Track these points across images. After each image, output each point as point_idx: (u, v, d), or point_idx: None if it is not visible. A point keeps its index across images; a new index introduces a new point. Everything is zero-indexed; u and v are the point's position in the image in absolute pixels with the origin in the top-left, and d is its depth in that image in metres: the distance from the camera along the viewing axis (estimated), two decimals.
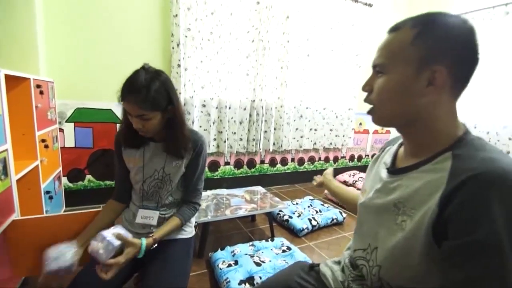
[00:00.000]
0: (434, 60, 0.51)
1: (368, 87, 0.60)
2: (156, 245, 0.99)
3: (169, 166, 1.09)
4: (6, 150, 1.14)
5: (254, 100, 2.84)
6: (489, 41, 3.01)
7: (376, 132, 3.90)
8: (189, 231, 1.17)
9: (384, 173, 0.66)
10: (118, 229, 0.92)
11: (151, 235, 0.98)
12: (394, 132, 3.44)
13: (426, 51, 0.51)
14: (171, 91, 1.00)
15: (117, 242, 0.88)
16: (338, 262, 0.83)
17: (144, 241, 0.94)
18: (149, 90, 0.93)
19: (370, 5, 3.29)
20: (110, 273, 0.85)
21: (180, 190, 1.16)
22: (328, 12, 3.04)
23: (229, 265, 1.50)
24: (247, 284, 1.36)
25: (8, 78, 1.21)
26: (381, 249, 0.61)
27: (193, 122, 2.59)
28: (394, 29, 0.57)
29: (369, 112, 0.61)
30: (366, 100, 0.61)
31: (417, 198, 0.53)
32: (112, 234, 0.88)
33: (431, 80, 0.51)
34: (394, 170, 0.63)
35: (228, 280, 1.38)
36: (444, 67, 0.51)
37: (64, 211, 2.13)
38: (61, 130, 2.17)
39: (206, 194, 2.18)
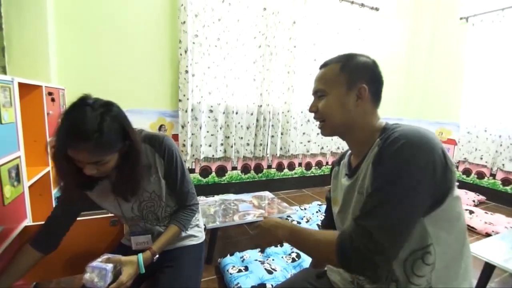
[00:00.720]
0: (357, 81, 0.72)
1: (314, 107, 0.77)
2: (157, 256, 0.95)
3: (148, 185, 0.99)
4: (19, 157, 1.16)
5: (261, 105, 2.85)
6: (499, 44, 2.97)
7: None
8: (200, 236, 1.16)
9: (345, 180, 0.79)
10: (104, 256, 0.88)
11: (150, 249, 0.95)
12: None
13: (350, 76, 0.72)
14: (126, 125, 0.84)
15: (109, 265, 0.84)
16: None
17: (140, 256, 0.90)
18: (102, 133, 0.75)
19: (376, 9, 3.29)
20: None
21: (171, 196, 1.08)
22: (335, 16, 3.05)
23: (239, 271, 1.49)
24: None
25: (21, 86, 1.23)
26: None
27: (200, 128, 2.60)
28: (324, 65, 0.78)
29: (319, 127, 0.79)
30: (315, 118, 0.79)
31: (365, 176, 0.68)
32: (99, 262, 0.85)
33: (358, 95, 0.72)
34: (350, 172, 0.78)
35: (239, 285, 1.37)
36: (365, 84, 0.71)
37: None
38: None
39: (213, 199, 2.18)
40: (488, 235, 2.18)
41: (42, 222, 1.01)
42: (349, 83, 0.72)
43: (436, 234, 0.59)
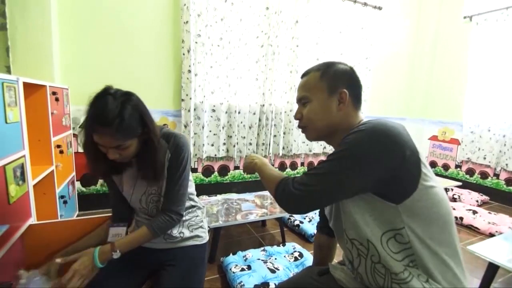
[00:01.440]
0: (338, 86, 0.76)
1: (299, 114, 0.82)
2: (118, 252, 0.92)
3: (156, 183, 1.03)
4: (24, 156, 1.16)
5: (263, 105, 2.85)
6: (503, 43, 2.95)
7: None
8: (204, 237, 1.16)
9: None
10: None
11: (111, 243, 0.93)
12: None
13: (330, 82, 0.77)
14: (144, 114, 0.91)
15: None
16: (343, 263, 0.88)
17: (97, 249, 0.91)
18: (123, 119, 0.83)
19: (379, 8, 3.28)
20: (75, 279, 0.85)
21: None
22: (337, 16, 3.04)
23: (242, 270, 1.49)
24: None
25: (25, 85, 1.24)
26: (346, 224, 0.74)
27: (203, 127, 2.61)
28: (305, 74, 0.82)
29: (304, 132, 0.83)
30: (299, 125, 0.83)
31: None
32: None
33: (339, 100, 0.76)
34: None
35: (242, 284, 1.38)
36: (346, 89, 0.76)
37: (77, 215, 2.16)
38: (75, 135, 2.21)
39: (216, 198, 2.19)
40: (491, 235, 2.17)
41: (48, 221, 1.08)
42: (330, 89, 0.76)
43: (410, 220, 0.64)
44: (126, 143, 0.87)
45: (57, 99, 1.71)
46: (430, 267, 0.64)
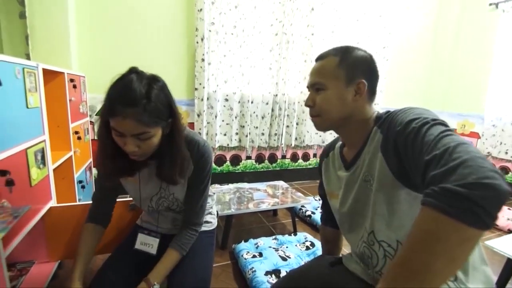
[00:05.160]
0: (356, 76, 0.71)
1: (311, 101, 0.76)
2: (157, 285, 0.88)
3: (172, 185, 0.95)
4: (44, 140, 1.20)
5: (276, 95, 2.82)
6: None
7: None
8: (213, 223, 1.18)
9: (342, 172, 0.80)
10: None
11: (145, 279, 0.87)
12: None
13: (349, 70, 0.71)
14: (171, 100, 0.83)
15: None
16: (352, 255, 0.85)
17: None
18: (150, 100, 0.74)
19: None
20: None
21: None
22: (354, 3, 2.94)
23: (254, 256, 1.51)
24: (273, 275, 1.36)
25: (44, 72, 1.26)
26: (377, 225, 0.69)
27: (216, 116, 2.61)
28: (321, 58, 0.77)
29: (315, 120, 0.77)
30: (311, 113, 0.77)
31: (370, 163, 0.69)
32: None
33: (356, 91, 0.72)
34: (347, 164, 0.79)
35: (253, 269, 1.39)
36: (364, 80, 0.71)
37: None
38: (91, 123, 2.26)
39: (228, 187, 2.20)
40: (510, 231, 2.11)
41: (68, 204, 1.08)
42: (348, 78, 0.71)
43: None
44: (150, 130, 0.76)
45: (74, 86, 1.74)
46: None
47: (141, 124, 0.74)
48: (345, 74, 0.71)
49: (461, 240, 0.40)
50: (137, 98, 0.72)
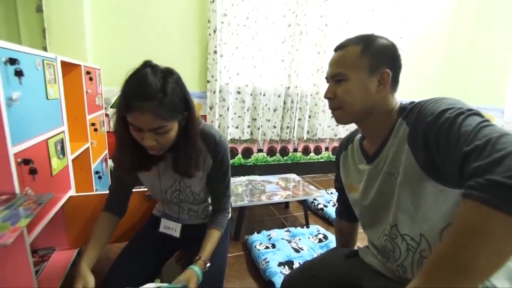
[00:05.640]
0: (380, 66, 0.68)
1: (331, 94, 0.72)
2: (209, 264, 0.92)
3: (188, 178, 0.96)
4: (63, 131, 1.23)
5: (289, 87, 2.79)
6: None
7: None
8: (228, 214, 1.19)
9: (364, 165, 0.78)
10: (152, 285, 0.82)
11: (197, 258, 0.90)
12: None
13: (372, 60, 0.68)
14: (186, 93, 0.82)
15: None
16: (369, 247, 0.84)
17: (196, 268, 0.86)
18: (166, 93, 0.74)
19: None
20: None
21: (207, 195, 1.09)
22: None
23: (267, 247, 1.52)
24: (286, 267, 1.37)
25: (62, 64, 1.29)
26: (401, 218, 0.67)
27: (228, 109, 2.61)
28: (341, 47, 0.73)
29: (335, 114, 0.74)
30: (331, 106, 0.74)
31: (395, 156, 0.67)
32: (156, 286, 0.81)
33: (380, 81, 0.69)
34: (369, 158, 0.76)
35: (267, 260, 1.40)
36: (389, 70, 0.68)
37: None
38: (106, 115, 2.30)
39: (240, 179, 2.21)
40: None
41: (87, 193, 1.11)
42: (372, 68, 0.68)
43: None
44: (167, 124, 0.76)
45: (90, 79, 1.77)
46: None
47: (158, 118, 0.74)
48: (368, 63, 0.68)
49: (509, 235, 0.38)
50: (153, 92, 0.72)
